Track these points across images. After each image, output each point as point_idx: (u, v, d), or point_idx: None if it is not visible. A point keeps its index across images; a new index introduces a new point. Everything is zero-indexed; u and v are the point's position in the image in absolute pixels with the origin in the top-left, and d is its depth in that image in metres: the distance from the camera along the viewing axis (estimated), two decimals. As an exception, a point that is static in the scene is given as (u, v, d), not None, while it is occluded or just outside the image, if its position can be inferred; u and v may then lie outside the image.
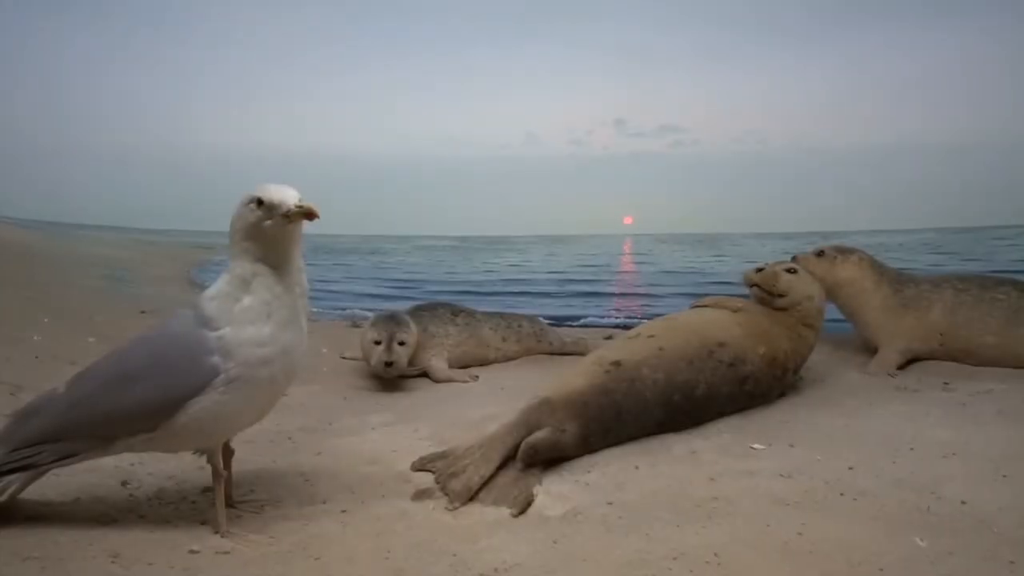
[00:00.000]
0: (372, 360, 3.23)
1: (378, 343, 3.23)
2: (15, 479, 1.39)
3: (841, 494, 1.71)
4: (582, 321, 7.79)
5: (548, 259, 23.95)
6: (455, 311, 3.89)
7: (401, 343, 3.26)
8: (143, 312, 5.72)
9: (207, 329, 1.39)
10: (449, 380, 3.44)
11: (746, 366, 2.41)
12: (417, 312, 3.74)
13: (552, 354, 4.04)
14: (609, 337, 5.12)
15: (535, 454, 1.84)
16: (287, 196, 1.37)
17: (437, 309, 3.85)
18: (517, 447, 1.86)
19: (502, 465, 1.83)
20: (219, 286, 1.44)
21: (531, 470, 1.83)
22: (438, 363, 3.56)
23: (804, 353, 2.74)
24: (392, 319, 3.36)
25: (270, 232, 1.39)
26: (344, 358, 3.95)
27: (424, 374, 3.53)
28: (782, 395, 2.69)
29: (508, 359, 3.92)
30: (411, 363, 3.43)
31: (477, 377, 3.51)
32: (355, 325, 5.28)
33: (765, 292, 2.75)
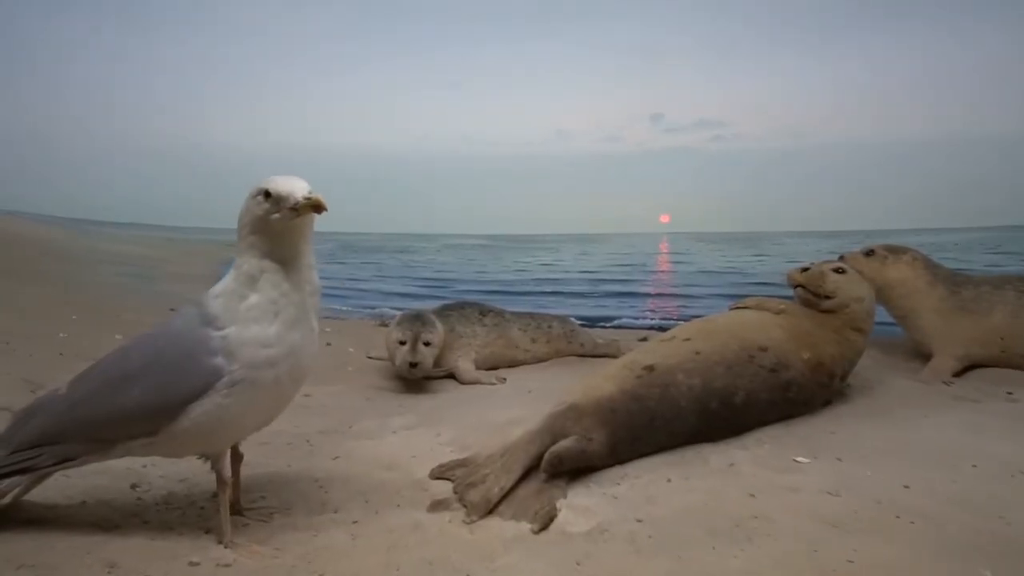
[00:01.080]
0: (396, 360, 3.19)
1: (403, 343, 3.19)
2: (16, 482, 1.36)
3: (897, 516, 1.55)
4: (615, 322, 7.76)
5: (581, 258, 23.79)
6: (483, 311, 3.83)
7: (427, 343, 3.21)
8: (172, 310, 5.85)
9: (211, 328, 1.33)
10: (475, 382, 3.38)
11: (789, 372, 2.26)
12: (444, 312, 3.69)
13: (583, 356, 3.93)
14: (643, 339, 4.99)
15: (560, 464, 1.73)
16: (295, 188, 1.30)
17: (465, 308, 3.80)
18: (541, 456, 1.76)
19: (524, 475, 1.73)
20: (225, 283, 1.38)
21: (555, 481, 1.72)
22: (465, 364, 3.51)
23: (852, 358, 2.56)
24: (418, 319, 3.31)
25: (277, 226, 1.33)
26: (370, 358, 3.94)
27: (451, 375, 3.48)
28: (828, 403, 2.51)
29: (537, 361, 3.84)
30: (437, 364, 3.38)
31: (504, 379, 3.43)
32: (383, 324, 5.28)
33: (811, 293, 2.58)
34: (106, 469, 1.71)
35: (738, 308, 2.68)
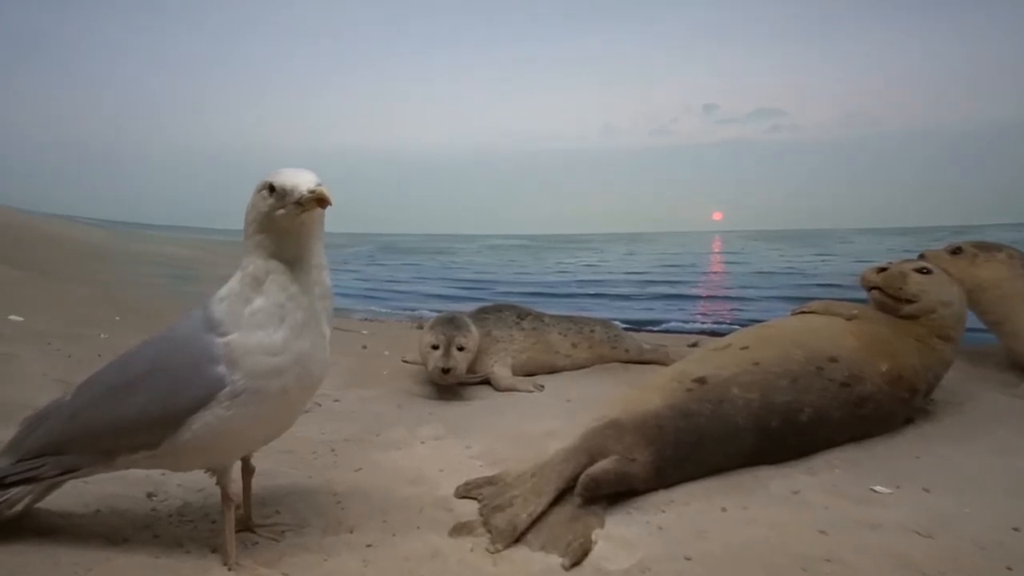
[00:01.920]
0: (429, 366, 3.12)
1: (435, 348, 3.12)
2: (24, 491, 1.34)
3: (1008, 568, 1.33)
4: (664, 326, 7.61)
5: (627, 258, 23.56)
6: (521, 314, 3.74)
7: (460, 348, 3.13)
8: None
9: (214, 334, 1.26)
10: (512, 389, 3.28)
11: (864, 386, 2.04)
12: (480, 315, 3.62)
13: (628, 363, 3.81)
14: (694, 344, 4.78)
15: (597, 488, 1.59)
16: (301, 181, 1.22)
17: (502, 312, 3.71)
18: (576, 478, 1.62)
19: (557, 499, 1.60)
20: (231, 285, 1.32)
21: (591, 508, 1.59)
22: (501, 370, 3.42)
23: (938, 371, 2.31)
24: (451, 322, 3.24)
25: (283, 222, 1.25)
26: (405, 361, 3.90)
27: (486, 381, 3.40)
28: (908, 422, 2.28)
29: (578, 367, 3.74)
30: (472, 370, 3.31)
31: (542, 387, 3.32)
32: (420, 327, 5.26)
33: (889, 297, 2.35)
34: (124, 476, 1.69)
35: (802, 313, 2.47)
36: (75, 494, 1.62)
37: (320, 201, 1.21)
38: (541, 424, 2.46)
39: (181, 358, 1.27)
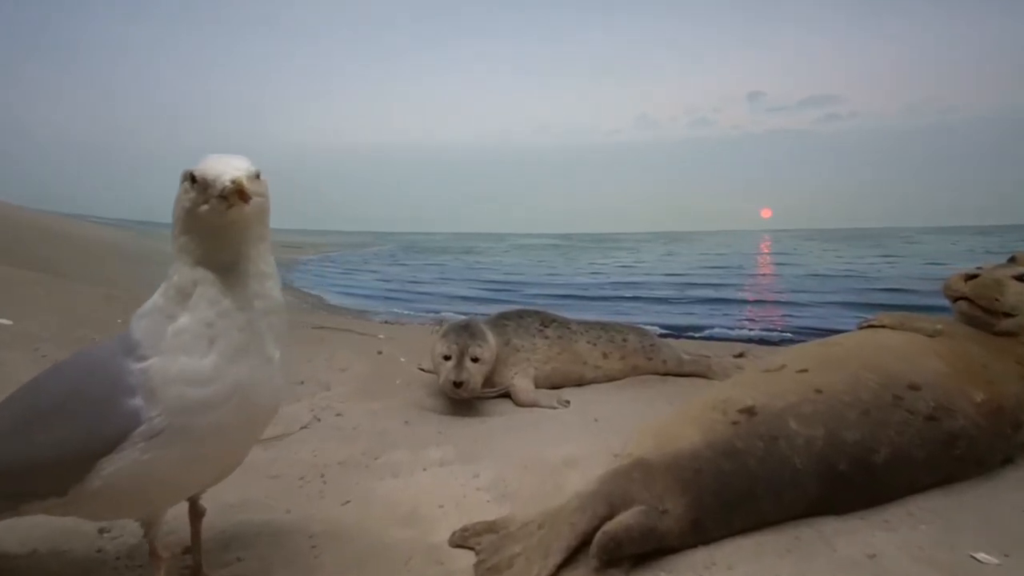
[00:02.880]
0: (439, 378, 2.95)
1: (447, 358, 2.96)
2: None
3: None
4: (706, 332, 7.52)
5: (665, 259, 23.36)
6: (545, 320, 3.56)
7: (475, 359, 2.96)
8: None
9: (131, 359, 1.06)
10: (533, 405, 3.09)
11: (955, 420, 1.74)
12: (500, 321, 3.45)
13: (666, 375, 3.58)
14: (740, 355, 4.50)
15: (617, 549, 1.34)
16: (224, 170, 1.02)
17: (524, 318, 3.53)
18: (592, 533, 1.38)
19: (568, 559, 1.36)
20: (154, 298, 1.11)
21: (611, 571, 1.34)
22: (522, 383, 3.23)
23: (1046, 400, 1.98)
24: (466, 329, 3.07)
25: (208, 220, 1.05)
26: (422, 370, 3.76)
27: (505, 395, 3.22)
28: (1007, 462, 1.96)
29: (609, 379, 3.52)
30: (490, 382, 3.14)
31: (567, 402, 3.11)
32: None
33: (981, 309, 2.04)
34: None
35: (871, 327, 2.17)
36: (14, 527, 1.46)
37: (240, 194, 1.00)
38: (562, 448, 2.25)
39: (91, 388, 1.07)
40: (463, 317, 3.25)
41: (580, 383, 3.47)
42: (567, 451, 2.21)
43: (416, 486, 1.99)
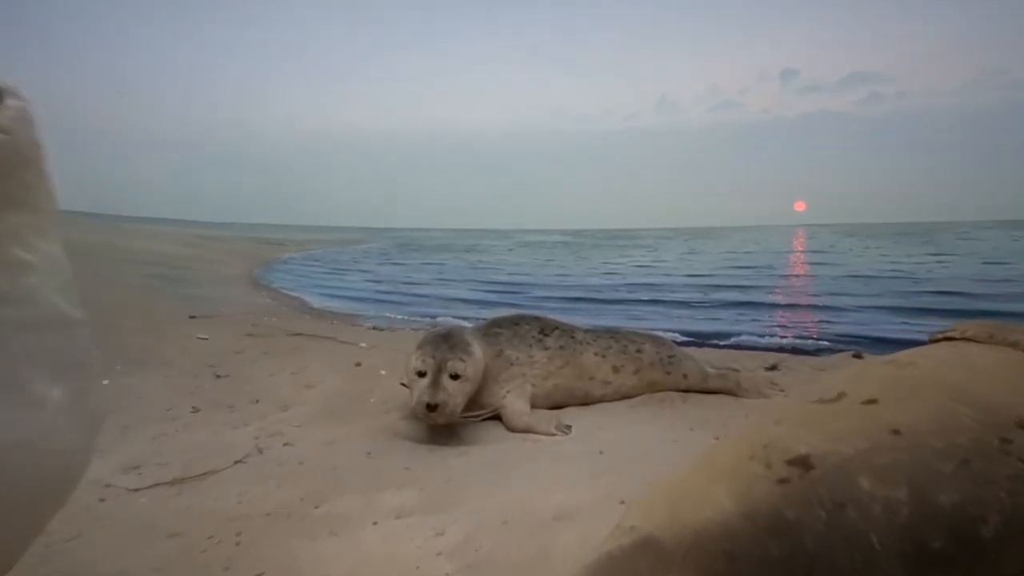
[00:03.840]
0: (412, 399, 2.68)
1: (421, 375, 2.71)
2: None
3: None
4: (733, 340, 7.31)
5: (687, 258, 23.18)
6: (545, 327, 3.33)
7: (455, 376, 2.71)
8: (193, 317, 5.81)
9: None
10: (528, 430, 2.84)
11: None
12: (492, 329, 3.22)
13: (687, 392, 3.40)
14: (773, 367, 4.28)
15: None
16: None
17: (520, 325, 3.30)
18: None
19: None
20: None
21: None
22: (516, 403, 2.98)
23: None
24: (445, 340, 2.82)
25: None
26: (404, 385, 3.54)
27: (497, 416, 2.98)
28: None
29: (622, 397, 3.34)
30: (478, 402, 2.91)
31: (569, 428, 2.86)
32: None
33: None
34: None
35: (948, 339, 1.85)
36: None
37: None
38: (555, 494, 1.98)
39: None
40: (449, 322, 3.00)
41: (586, 402, 3.28)
42: (562, 498, 1.95)
43: (357, 549, 1.69)
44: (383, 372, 3.87)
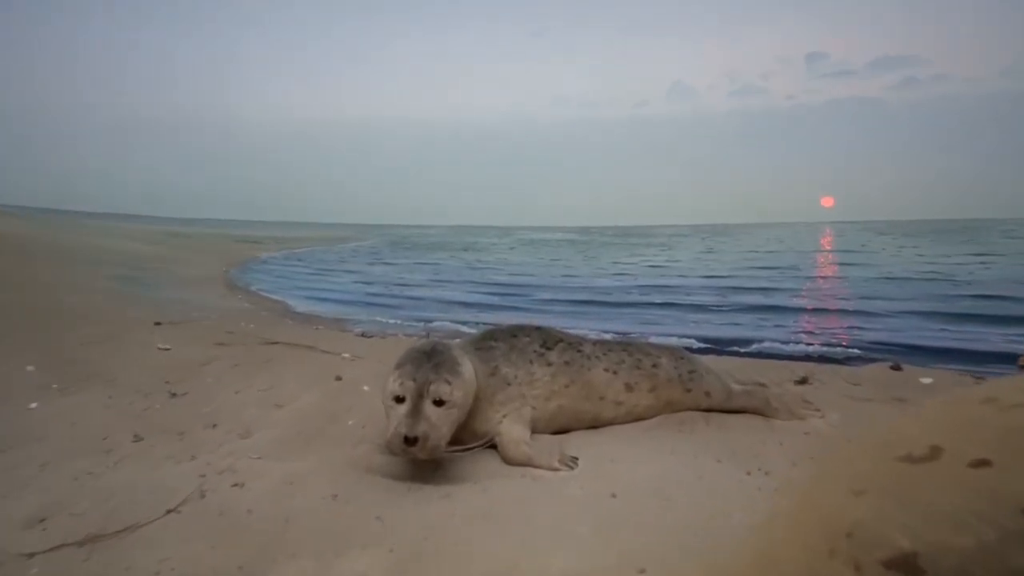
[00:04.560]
0: (388, 430, 2.43)
1: (400, 400, 2.45)
2: None
3: None
4: (754, 347, 7.26)
5: (705, 258, 23.21)
6: (548, 340, 3.16)
7: (439, 402, 2.47)
8: (158, 324, 5.61)
9: None
10: (527, 463, 2.64)
11: None
12: (485, 342, 3.04)
13: (708, 411, 3.26)
14: (803, 381, 4.09)
15: None
16: None
17: (519, 337, 3.12)
18: None
19: None
20: None
21: None
22: (513, 429, 2.78)
23: None
24: (429, 358, 2.57)
25: None
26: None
27: (491, 445, 2.75)
28: None
29: (636, 419, 3.20)
30: (469, 429, 2.69)
31: (575, 461, 2.64)
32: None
33: None
34: None
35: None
36: None
37: None
38: (556, 557, 1.76)
39: None
40: (415, 344, 2.77)
41: (595, 424, 3.12)
42: (565, 563, 1.72)
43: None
44: (366, 388, 3.70)
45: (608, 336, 7.26)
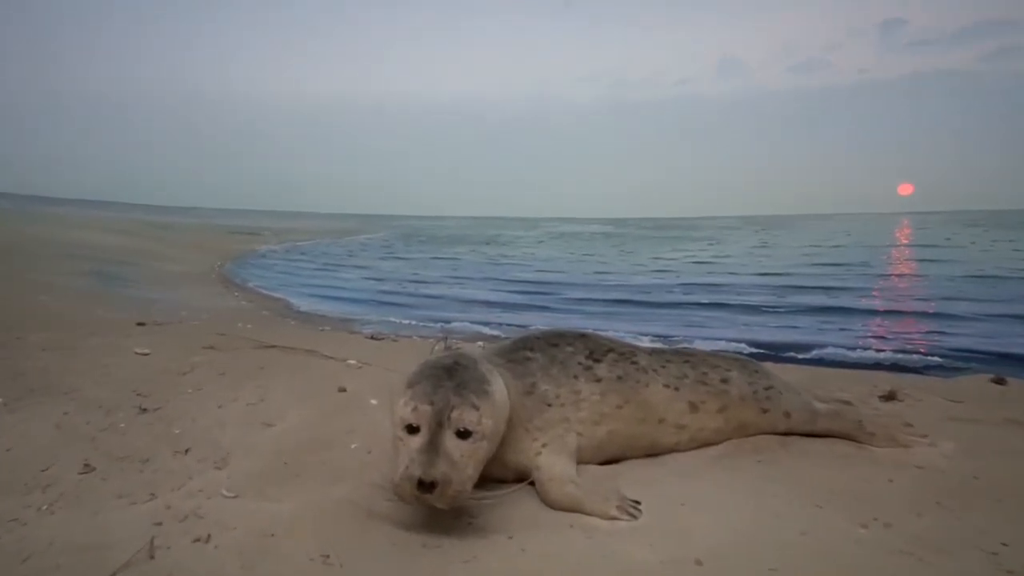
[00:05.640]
0: (397, 469, 2.14)
1: (413, 430, 2.16)
2: None
3: None
4: (814, 353, 7.20)
5: (758, 253, 23.16)
6: (595, 348, 2.95)
7: (464, 433, 2.18)
8: (141, 324, 5.48)
9: None
10: (575, 508, 2.39)
11: None
12: (520, 353, 2.84)
13: (787, 435, 3.09)
14: (890, 396, 3.83)
15: None
16: None
17: (560, 346, 2.91)
18: None
19: None
20: None
21: None
22: (555, 464, 2.54)
23: None
24: (450, 375, 2.30)
25: None
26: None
27: (524, 480, 2.51)
28: None
29: (699, 445, 3.01)
30: (498, 460, 2.45)
31: (638, 507, 2.36)
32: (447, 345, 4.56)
33: None
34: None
35: None
36: None
37: None
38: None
39: None
40: (431, 357, 2.50)
41: (651, 453, 2.93)
42: None
43: None
44: (374, 401, 3.52)
45: (646, 341, 7.41)
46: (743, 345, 7.35)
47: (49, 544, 1.90)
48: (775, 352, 6.88)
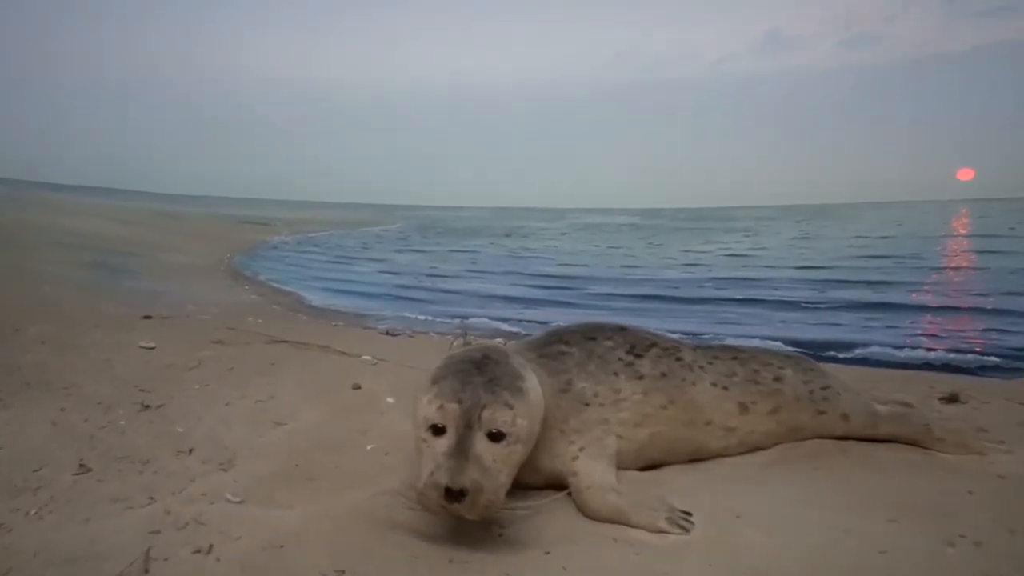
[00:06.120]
0: (422, 476, 2.06)
1: (439, 431, 2.11)
2: None
3: None
4: (858, 352, 7.14)
5: (798, 245, 23.01)
6: (637, 343, 2.88)
7: (496, 436, 2.11)
8: (147, 318, 5.48)
9: None
10: (618, 519, 2.30)
11: None
12: (553, 347, 2.78)
13: (844, 439, 3.00)
14: (952, 398, 3.74)
15: None
16: None
17: (597, 339, 2.84)
18: None
19: None
20: None
21: None
22: (594, 471, 2.46)
23: None
24: (480, 370, 2.22)
25: None
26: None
27: (560, 487, 2.45)
28: None
29: (749, 449, 2.95)
30: (531, 465, 2.36)
31: (689, 519, 2.27)
32: (466, 341, 4.50)
33: None
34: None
35: None
36: None
37: None
38: None
39: None
40: (456, 350, 2.44)
41: (696, 457, 2.87)
42: None
43: None
44: (390, 399, 3.49)
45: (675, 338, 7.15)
46: (779, 344, 7.19)
47: (34, 555, 1.83)
48: (814, 351, 6.57)
